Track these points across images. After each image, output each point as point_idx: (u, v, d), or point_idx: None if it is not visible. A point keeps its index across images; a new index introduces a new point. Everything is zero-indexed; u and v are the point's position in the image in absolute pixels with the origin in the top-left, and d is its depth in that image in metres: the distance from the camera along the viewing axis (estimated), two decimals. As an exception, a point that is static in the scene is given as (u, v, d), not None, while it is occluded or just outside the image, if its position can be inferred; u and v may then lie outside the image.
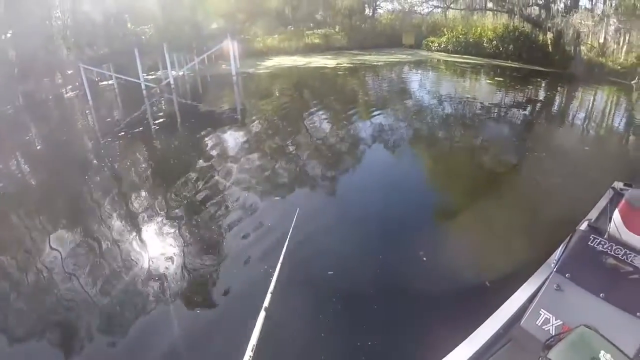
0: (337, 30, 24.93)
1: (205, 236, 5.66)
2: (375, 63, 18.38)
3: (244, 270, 4.74)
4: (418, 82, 14.99)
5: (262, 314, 2.43)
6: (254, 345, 2.24)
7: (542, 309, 2.68)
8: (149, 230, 6.10)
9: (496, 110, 11.08)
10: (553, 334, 2.47)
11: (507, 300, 2.95)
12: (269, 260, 4.61)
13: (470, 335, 2.71)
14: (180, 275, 4.86)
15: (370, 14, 29.42)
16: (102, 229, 6.58)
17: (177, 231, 5.92)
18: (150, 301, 4.49)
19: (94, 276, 5.11)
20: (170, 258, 5.24)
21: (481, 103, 11.63)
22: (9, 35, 23.23)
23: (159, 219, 6.36)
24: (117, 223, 6.68)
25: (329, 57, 20.07)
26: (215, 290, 4.53)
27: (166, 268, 5.01)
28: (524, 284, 3.10)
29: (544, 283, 2.92)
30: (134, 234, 6.07)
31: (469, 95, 12.47)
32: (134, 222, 6.50)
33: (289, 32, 23.75)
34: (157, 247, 5.59)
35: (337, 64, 18.07)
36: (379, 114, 10.27)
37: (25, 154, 15.45)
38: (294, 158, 8.04)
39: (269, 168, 7.64)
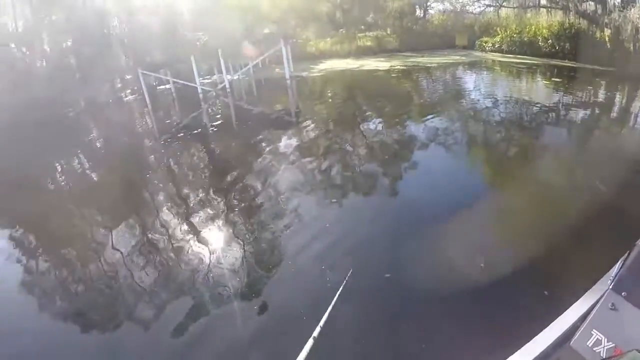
0: (388, 32, 24.64)
1: (257, 238, 5.68)
2: (428, 65, 17.98)
3: (292, 277, 4.71)
4: (473, 84, 14.48)
5: (310, 341, 2.26)
6: None
7: (594, 329, 2.46)
8: (201, 228, 6.24)
9: (555, 113, 10.43)
10: (604, 357, 2.29)
11: (559, 317, 2.78)
12: (319, 264, 4.61)
13: (518, 352, 2.57)
14: (226, 273, 4.95)
15: (422, 15, 28.89)
16: (158, 225, 6.85)
17: (228, 231, 6.02)
18: (192, 294, 4.66)
19: (146, 266, 5.39)
20: (217, 257, 5.34)
21: (539, 105, 10.99)
22: (69, 43, 24.66)
23: (212, 217, 6.49)
24: (172, 219, 6.90)
25: (381, 59, 19.82)
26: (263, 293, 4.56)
27: (213, 265, 5.12)
28: (578, 301, 2.88)
29: (598, 301, 2.65)
30: (187, 230, 6.24)
31: (525, 97, 11.84)
32: (187, 219, 6.69)
33: (341, 36, 23.73)
34: (207, 245, 5.70)
35: (390, 66, 17.80)
36: (433, 117, 9.97)
37: (87, 154, 16.26)
38: (349, 160, 7.97)
39: (324, 170, 7.62)
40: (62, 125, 21.24)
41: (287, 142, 9.73)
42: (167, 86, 21.12)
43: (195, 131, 13.39)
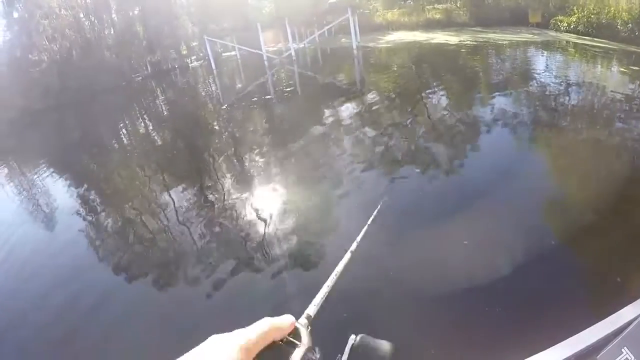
0: (458, 5, 23.65)
1: (310, 202, 5.73)
2: (500, 42, 17.14)
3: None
4: (545, 66, 13.59)
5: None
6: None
7: (625, 347, 2.22)
8: (256, 189, 6.49)
9: (630, 103, 9.56)
10: None
11: (592, 326, 2.55)
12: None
13: (539, 354, 2.42)
14: (277, 230, 5.10)
15: (494, -12, 27.35)
16: (216, 185, 7.18)
17: (283, 192, 6.16)
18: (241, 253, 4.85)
19: (198, 225, 5.66)
20: (269, 216, 5.51)
21: (613, 93, 10.14)
22: (136, 12, 25.58)
23: (268, 180, 6.70)
24: (229, 181, 7.20)
25: (450, 33, 19.09)
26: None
27: (265, 225, 5.28)
28: (615, 314, 2.64)
29: (636, 318, 2.41)
30: (243, 190, 6.49)
31: (598, 84, 10.93)
32: (244, 181, 6.95)
33: (409, 7, 23.05)
34: (259, 206, 5.89)
35: (460, 41, 17.13)
36: (500, 97, 9.38)
37: (152, 117, 16.99)
38: (410, 135, 7.78)
39: (383, 143, 7.49)
40: (129, 90, 22.35)
41: (350, 112, 9.72)
42: (232, 53, 21.55)
43: (260, 98, 13.63)
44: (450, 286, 3.56)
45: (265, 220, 5.47)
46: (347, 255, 0.93)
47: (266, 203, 5.96)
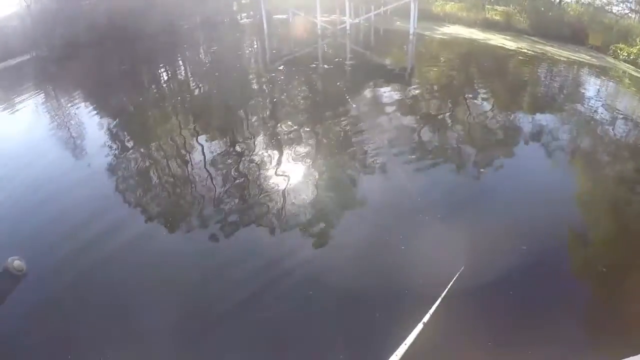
0: (518, 11, 23.06)
1: (334, 177, 5.92)
2: (556, 57, 16.69)
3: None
4: (595, 90, 13.22)
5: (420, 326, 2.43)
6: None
7: None
8: (285, 154, 6.71)
9: None
10: None
11: None
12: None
13: None
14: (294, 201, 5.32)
15: (557, 1, 26.54)
16: (247, 142, 7.49)
17: (308, 164, 6.36)
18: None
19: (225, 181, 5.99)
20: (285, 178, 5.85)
21: None
22: None
23: (296, 146, 6.95)
24: (260, 140, 7.52)
25: (508, 37, 18.71)
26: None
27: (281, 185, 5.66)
28: None
29: None
30: (272, 152, 6.81)
31: None
32: (274, 143, 7.22)
33: (468, 2, 22.54)
34: (279, 168, 6.24)
35: (517, 47, 16.77)
36: (544, 112, 9.11)
37: (191, 65, 17.07)
38: (446, 131, 7.82)
39: (417, 133, 7.54)
40: (175, 37, 22.36)
41: (391, 96, 9.74)
42: (284, 16, 21.35)
43: (307, 64, 13.56)
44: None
45: (281, 181, 5.77)
46: (419, 327, 0.90)
47: (286, 167, 6.23)
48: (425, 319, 2.91)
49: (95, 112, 11.20)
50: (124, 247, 4.76)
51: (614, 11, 24.77)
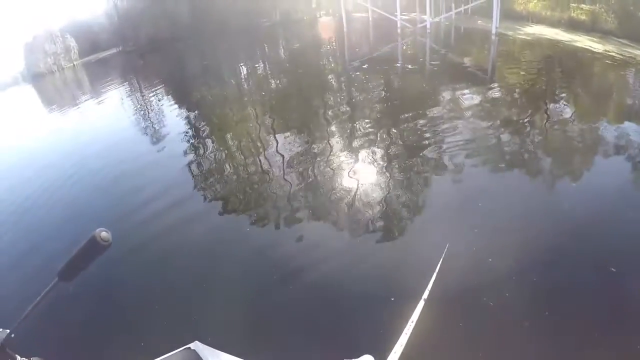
0: (605, 10, 22.03)
1: (403, 187, 6.07)
2: (645, 61, 15.89)
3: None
4: None
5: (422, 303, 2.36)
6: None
7: None
8: (359, 152, 7.15)
9: None
10: None
11: None
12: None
13: None
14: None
15: (649, -2, 24.90)
16: (322, 139, 7.97)
17: (379, 167, 6.65)
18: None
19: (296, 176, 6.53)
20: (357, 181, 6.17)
21: None
22: None
23: (369, 149, 7.29)
24: (329, 131, 8.19)
25: (595, 39, 18.07)
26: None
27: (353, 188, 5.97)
28: None
29: None
30: (343, 151, 7.28)
31: None
32: (346, 143, 7.67)
33: (553, 0, 21.88)
34: (353, 168, 6.60)
35: (605, 50, 16.25)
36: (628, 124, 8.40)
37: (270, 61, 17.95)
38: (525, 137, 7.69)
39: (495, 138, 7.50)
40: (256, 33, 23.49)
41: (470, 98, 9.83)
42: (364, 14, 21.96)
43: (387, 64, 13.97)
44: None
45: (354, 184, 6.11)
46: (421, 304, 1.05)
47: (360, 168, 6.61)
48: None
49: (175, 103, 12.58)
50: (188, 224, 5.68)
51: None
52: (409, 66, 13.50)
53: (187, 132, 9.75)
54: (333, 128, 8.60)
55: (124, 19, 25.76)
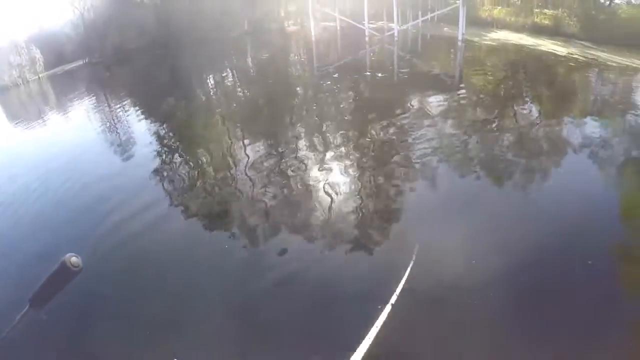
0: (567, 14, 22.62)
1: (374, 195, 6.03)
2: (608, 63, 16.34)
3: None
4: None
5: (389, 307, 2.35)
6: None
7: None
8: (326, 166, 6.96)
9: None
10: None
11: None
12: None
13: None
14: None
15: (607, 3, 25.74)
16: (287, 143, 7.95)
17: (351, 176, 6.54)
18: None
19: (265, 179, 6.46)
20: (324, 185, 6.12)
21: None
22: None
23: (336, 151, 7.33)
24: (300, 142, 8.02)
25: (558, 43, 18.47)
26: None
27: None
28: None
29: None
30: (316, 165, 7.05)
31: None
32: (319, 155, 7.47)
33: (517, 6, 22.35)
34: (319, 175, 6.52)
35: (568, 53, 16.59)
36: (592, 122, 8.73)
37: (239, 71, 17.71)
38: (493, 139, 7.78)
39: (464, 142, 7.52)
40: (224, 44, 23.25)
41: (439, 104, 9.82)
42: (332, 23, 21.90)
43: (354, 72, 13.88)
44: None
45: (325, 194, 6.00)
46: (388, 308, 0.93)
47: (331, 178, 6.47)
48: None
49: (142, 115, 12.25)
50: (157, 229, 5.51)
51: (670, 11, 23.80)
52: (378, 74, 13.40)
53: (154, 144, 9.43)
54: (303, 138, 8.45)
55: (90, 30, 24.98)
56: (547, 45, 17.78)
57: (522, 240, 4.56)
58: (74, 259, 1.28)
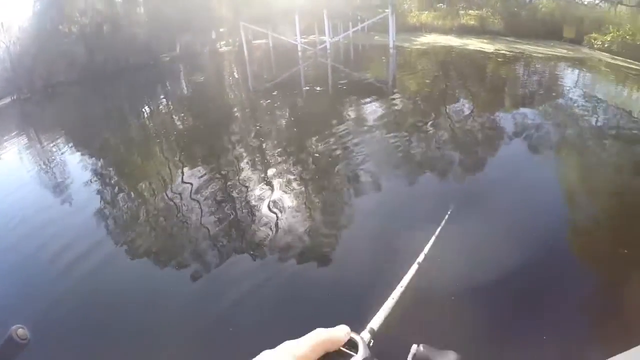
0: (492, 13, 23.61)
1: (321, 208, 5.86)
2: (533, 54, 17.08)
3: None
4: (574, 82, 13.49)
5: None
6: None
7: None
8: (266, 175, 6.84)
9: None
10: None
11: None
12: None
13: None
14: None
15: (528, 0, 27.19)
16: (230, 166, 7.62)
17: (295, 193, 6.30)
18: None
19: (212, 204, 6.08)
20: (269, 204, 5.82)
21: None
22: None
23: (279, 168, 7.05)
24: (243, 163, 7.68)
25: (484, 41, 19.10)
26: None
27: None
28: None
29: None
30: (260, 176, 6.91)
31: (625, 107, 10.56)
32: (257, 166, 7.39)
33: (443, 10, 23.04)
34: (268, 190, 6.28)
35: (495, 49, 17.13)
36: (525, 110, 9.21)
37: (174, 98, 17.13)
38: (431, 138, 7.88)
39: (402, 145, 7.58)
40: (156, 70, 22.51)
41: (375, 111, 9.86)
42: (264, 41, 21.65)
43: (291, 88, 13.68)
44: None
45: (272, 214, 5.66)
46: (414, 267, 0.89)
47: (276, 196, 6.16)
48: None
49: (77, 152, 11.31)
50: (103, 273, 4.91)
51: (585, 3, 25.43)
52: (315, 88, 13.13)
53: (93, 183, 8.50)
54: (245, 160, 8.08)
55: (17, 64, 23.31)
56: (474, 44, 18.28)
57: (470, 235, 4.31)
58: (20, 331, 1.14)
